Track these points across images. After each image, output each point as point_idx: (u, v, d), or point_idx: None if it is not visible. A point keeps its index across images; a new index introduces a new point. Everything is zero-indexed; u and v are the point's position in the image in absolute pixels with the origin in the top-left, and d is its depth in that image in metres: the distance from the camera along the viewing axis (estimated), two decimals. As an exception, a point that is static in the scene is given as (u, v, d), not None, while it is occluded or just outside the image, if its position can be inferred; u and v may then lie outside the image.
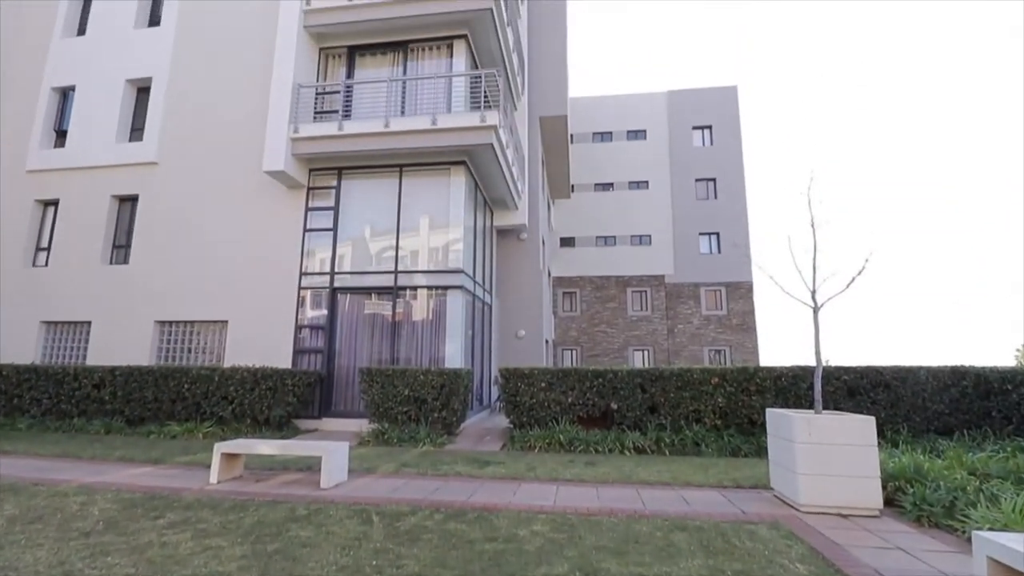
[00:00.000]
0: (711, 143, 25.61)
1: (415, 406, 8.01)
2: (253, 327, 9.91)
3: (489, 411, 11.94)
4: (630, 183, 25.76)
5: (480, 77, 9.68)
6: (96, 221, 11.13)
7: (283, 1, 10.40)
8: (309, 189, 10.30)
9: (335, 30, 10.53)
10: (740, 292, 23.63)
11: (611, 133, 26.59)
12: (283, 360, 9.53)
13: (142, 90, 11.79)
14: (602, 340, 24.20)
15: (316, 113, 10.36)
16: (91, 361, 10.35)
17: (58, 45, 12.35)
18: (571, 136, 21.37)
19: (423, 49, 10.80)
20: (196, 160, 10.92)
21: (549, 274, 19.55)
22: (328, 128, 9.66)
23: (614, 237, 25.19)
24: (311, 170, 10.32)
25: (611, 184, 25.93)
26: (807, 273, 7.18)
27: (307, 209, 10.22)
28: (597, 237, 25.26)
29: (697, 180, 25.13)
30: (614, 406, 7.90)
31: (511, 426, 8.45)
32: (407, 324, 9.58)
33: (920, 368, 7.75)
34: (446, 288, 9.49)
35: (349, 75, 10.83)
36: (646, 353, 23.76)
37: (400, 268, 9.63)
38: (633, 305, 24.36)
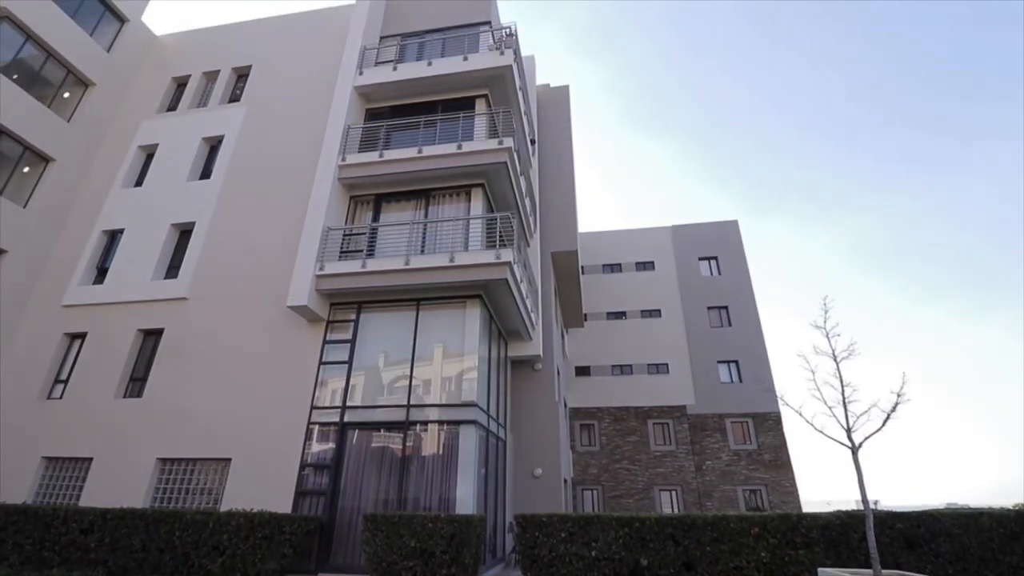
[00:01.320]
0: (719, 272, 26.40)
1: (421, 560, 7.24)
2: (257, 466, 9.47)
3: (503, 565, 10.75)
4: (643, 311, 26.15)
5: (495, 219, 10.40)
6: (119, 354, 11.36)
7: (321, 158, 11.71)
8: (328, 323, 10.57)
9: (365, 181, 11.67)
10: (768, 424, 22.44)
11: (620, 264, 27.73)
12: (284, 503, 8.92)
13: (184, 232, 12.83)
14: (625, 478, 22.57)
15: (342, 252, 11.02)
16: (85, 501, 9.81)
17: (116, 194, 13.78)
18: (582, 268, 22.28)
19: (443, 195, 11.80)
20: (223, 295, 11.44)
21: (565, 405, 18.98)
22: (352, 266, 10.21)
23: (630, 365, 24.86)
24: (332, 304, 10.69)
25: (623, 313, 26.33)
26: (838, 409, 6.89)
27: (324, 342, 10.37)
28: (613, 366, 24.96)
29: (709, 308, 25.42)
30: (644, 562, 7.07)
31: (528, 585, 7.52)
32: (417, 462, 9.10)
33: (982, 512, 6.99)
34: (459, 423, 9.17)
35: (375, 219, 11.73)
36: (674, 494, 21.94)
37: (412, 402, 9.43)
38: (656, 439, 23.13)
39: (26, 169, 13.33)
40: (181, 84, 15.75)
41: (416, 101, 13.02)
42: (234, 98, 14.90)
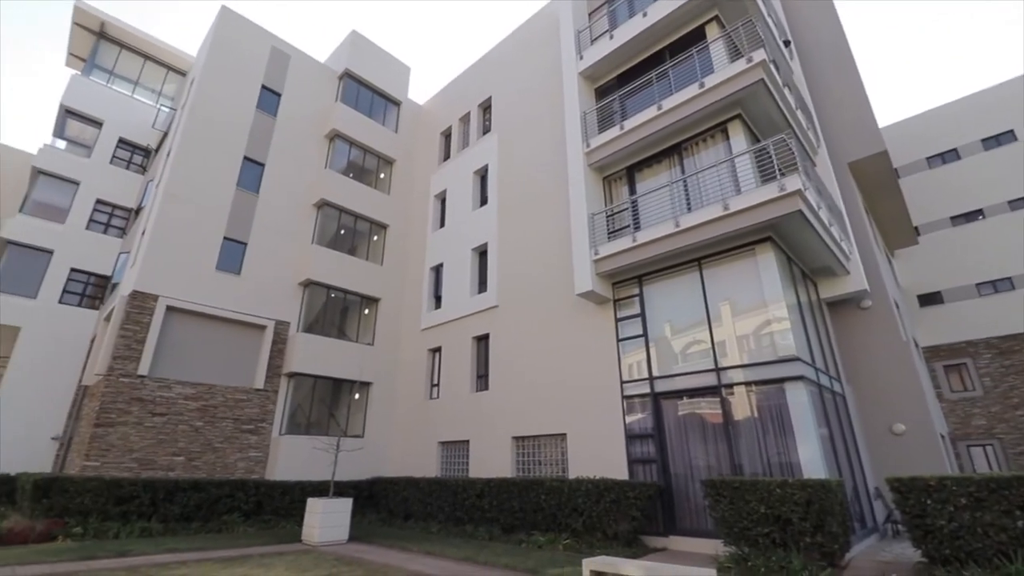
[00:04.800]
0: None
1: (778, 527, 6.76)
2: (587, 438, 10.54)
3: (877, 536, 9.19)
4: (1010, 202, 18.89)
5: (767, 147, 9.03)
6: (464, 359, 14.33)
7: (569, 152, 12.33)
8: (615, 301, 11.01)
9: (613, 158, 11.73)
10: None
11: (955, 150, 20.72)
12: (619, 470, 9.66)
13: (482, 254, 15.33)
14: (1038, 428, 16.58)
15: (609, 233, 11.34)
16: (471, 474, 12.67)
17: (431, 237, 17.46)
18: (896, 170, 17.46)
19: (696, 144, 10.91)
20: (522, 297, 13.18)
21: (916, 345, 15.09)
22: (622, 243, 10.38)
23: (1008, 279, 18.17)
24: (613, 284, 11.10)
25: (979, 211, 19.51)
26: None
27: (616, 320, 10.84)
28: (979, 284, 18.68)
29: None
30: None
31: (924, 560, 6.22)
32: (741, 426, 8.58)
33: None
34: (782, 380, 8.25)
35: (631, 191, 11.67)
36: None
37: (721, 365, 8.95)
38: (1085, 370, 16.28)
39: (375, 238, 18.15)
40: (446, 135, 18.97)
41: (642, 59, 12.47)
42: (486, 129, 17.11)
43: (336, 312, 16.38)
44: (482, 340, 14.20)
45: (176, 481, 10.77)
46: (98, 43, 19.90)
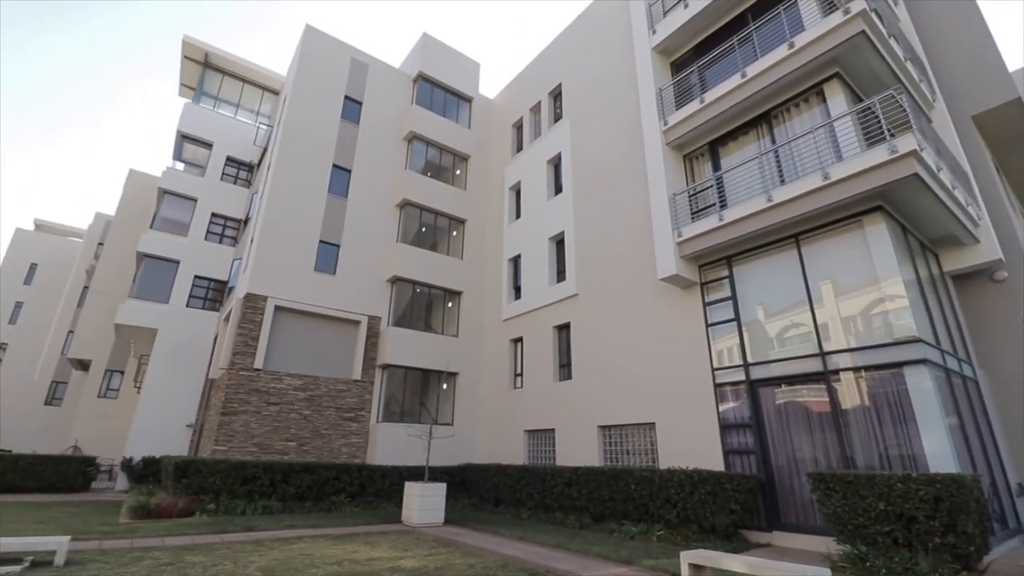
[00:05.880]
0: None
1: (899, 525, 6.16)
2: (678, 427, 10.20)
3: (1022, 537, 8.08)
4: None
5: (872, 105, 8.13)
6: (545, 348, 14.39)
7: (645, 132, 11.90)
8: (702, 285, 10.50)
9: (693, 135, 11.16)
10: None
11: (1116, 88, 17.31)
12: (714, 461, 9.26)
13: (559, 242, 15.25)
14: None
15: (693, 214, 10.80)
16: (558, 462, 12.75)
17: (507, 229, 17.64)
18: (1035, 120, 15.01)
19: (787, 110, 10.10)
20: (602, 285, 12.96)
21: (1067, 320, 12.95)
22: (708, 223, 9.87)
23: None
24: (700, 266, 10.59)
25: None
26: None
27: (704, 305, 10.35)
28: None
29: None
30: None
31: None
32: (851, 415, 7.87)
33: None
34: (900, 365, 7.45)
35: (715, 167, 11.05)
36: None
37: (827, 349, 8.25)
38: None
39: (455, 233, 18.66)
40: (518, 127, 19.00)
41: (720, 26, 11.73)
42: (557, 117, 16.92)
43: (422, 306, 17.10)
44: (563, 329, 14.17)
45: (291, 464, 11.86)
46: (204, 73, 22.12)
